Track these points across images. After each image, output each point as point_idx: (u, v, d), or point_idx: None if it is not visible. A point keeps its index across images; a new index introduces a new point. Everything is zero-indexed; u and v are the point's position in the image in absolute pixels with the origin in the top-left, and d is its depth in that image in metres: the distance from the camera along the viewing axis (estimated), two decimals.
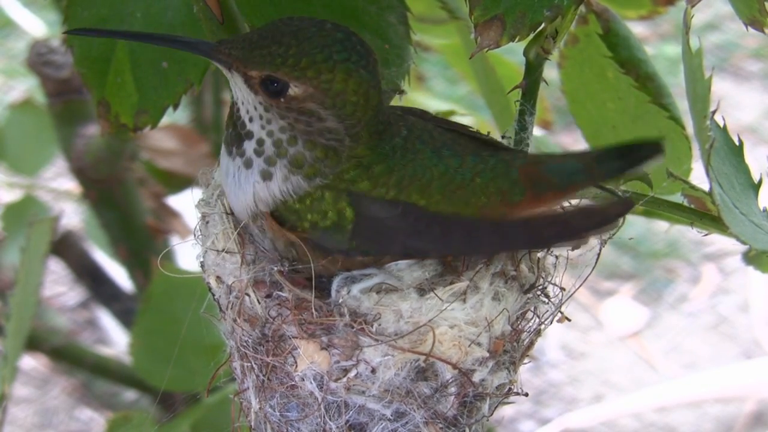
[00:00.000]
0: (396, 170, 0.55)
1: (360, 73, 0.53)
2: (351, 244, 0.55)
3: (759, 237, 0.58)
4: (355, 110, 0.53)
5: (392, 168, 0.55)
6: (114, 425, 1.03)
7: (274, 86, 0.53)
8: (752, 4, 0.58)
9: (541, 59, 0.61)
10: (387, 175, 0.55)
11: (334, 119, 0.53)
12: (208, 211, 0.60)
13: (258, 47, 0.53)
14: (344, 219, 0.54)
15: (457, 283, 0.56)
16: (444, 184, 0.55)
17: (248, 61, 0.53)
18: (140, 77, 0.66)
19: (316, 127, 0.53)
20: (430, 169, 0.55)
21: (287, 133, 0.54)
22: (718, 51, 2.78)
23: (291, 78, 0.52)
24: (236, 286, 0.57)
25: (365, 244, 0.55)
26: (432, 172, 0.55)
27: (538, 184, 0.57)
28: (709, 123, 0.56)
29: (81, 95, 1.18)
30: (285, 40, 0.52)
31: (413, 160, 0.55)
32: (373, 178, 0.55)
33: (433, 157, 0.56)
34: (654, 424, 1.96)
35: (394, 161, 0.55)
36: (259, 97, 0.54)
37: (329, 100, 0.53)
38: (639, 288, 2.25)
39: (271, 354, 0.56)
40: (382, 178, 0.55)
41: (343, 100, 0.53)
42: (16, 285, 0.88)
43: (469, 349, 0.56)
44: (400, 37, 0.67)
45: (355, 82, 0.53)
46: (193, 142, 1.30)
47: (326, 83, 0.52)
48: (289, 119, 0.53)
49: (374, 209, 0.55)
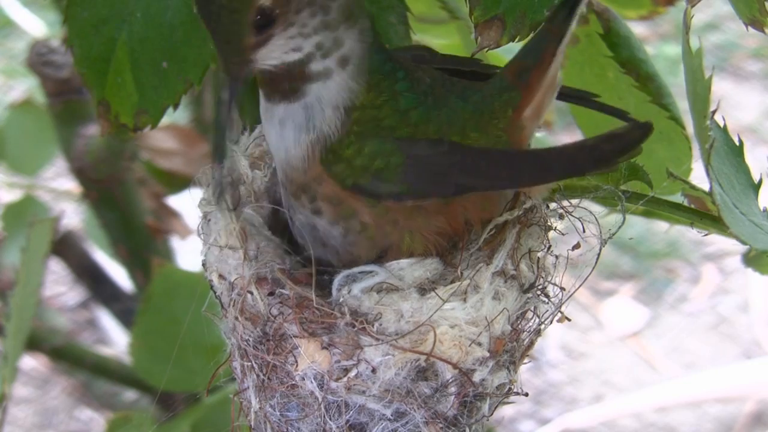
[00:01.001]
0: (433, 117, 0.56)
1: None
2: (402, 187, 0.55)
3: (759, 237, 0.58)
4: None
5: (429, 115, 0.56)
6: (114, 425, 1.03)
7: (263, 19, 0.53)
8: (752, 4, 0.58)
9: None
10: (425, 122, 0.56)
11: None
12: (209, 209, 0.61)
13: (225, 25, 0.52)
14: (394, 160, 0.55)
15: (457, 282, 0.56)
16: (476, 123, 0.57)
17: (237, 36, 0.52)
18: (140, 77, 0.66)
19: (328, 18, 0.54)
20: (460, 112, 0.57)
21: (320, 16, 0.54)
22: (718, 51, 2.78)
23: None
24: (238, 283, 0.57)
25: (416, 184, 0.56)
26: (463, 114, 0.57)
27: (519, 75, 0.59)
28: (709, 123, 0.56)
29: (81, 95, 1.18)
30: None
31: (445, 107, 0.57)
32: (411, 125, 0.56)
33: (458, 101, 0.58)
34: (654, 424, 1.96)
35: (427, 107, 0.56)
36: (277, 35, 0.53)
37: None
38: (639, 288, 2.25)
39: (271, 353, 0.56)
40: (421, 125, 0.56)
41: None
42: (16, 285, 0.88)
43: (470, 348, 0.56)
44: (400, 37, 0.67)
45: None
46: (193, 142, 1.30)
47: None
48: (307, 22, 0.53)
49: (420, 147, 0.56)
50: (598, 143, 0.58)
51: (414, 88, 0.57)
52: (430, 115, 0.56)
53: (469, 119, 0.57)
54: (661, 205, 0.62)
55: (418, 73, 0.58)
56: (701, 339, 2.13)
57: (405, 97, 0.56)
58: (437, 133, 0.56)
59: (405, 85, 0.56)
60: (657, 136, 0.73)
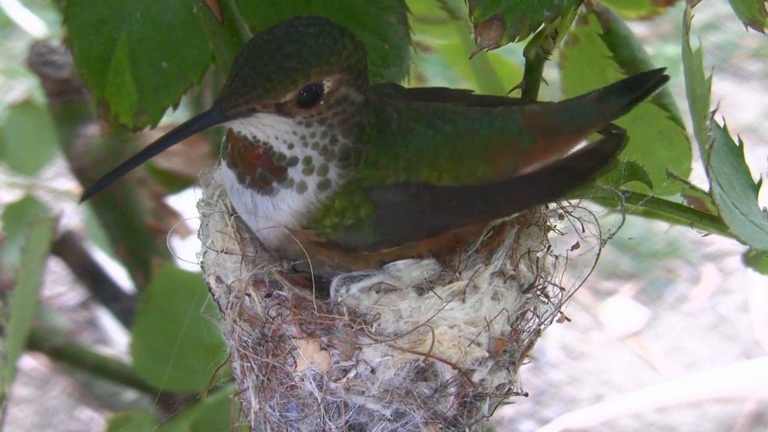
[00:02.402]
0: (401, 156, 0.55)
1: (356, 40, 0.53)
2: (376, 237, 0.55)
3: (759, 237, 0.58)
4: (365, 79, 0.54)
5: (397, 155, 0.55)
6: (114, 425, 1.03)
7: (312, 92, 0.52)
8: (752, 4, 0.58)
9: (541, 59, 0.61)
10: (394, 163, 0.55)
11: (358, 93, 0.54)
12: (208, 211, 0.61)
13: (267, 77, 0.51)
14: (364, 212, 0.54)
15: (455, 282, 0.56)
16: (449, 151, 0.56)
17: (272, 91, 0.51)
18: (140, 77, 0.66)
19: (349, 112, 0.54)
20: (430, 141, 0.56)
21: (328, 137, 0.54)
22: (718, 51, 2.78)
23: (322, 75, 0.52)
24: (236, 285, 0.57)
25: (390, 232, 0.55)
26: (434, 144, 0.56)
27: (548, 130, 0.57)
28: (709, 123, 0.56)
29: (81, 95, 1.18)
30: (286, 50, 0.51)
31: (414, 140, 0.56)
32: (381, 169, 0.55)
33: (429, 130, 0.56)
34: (654, 424, 1.96)
35: (396, 148, 0.55)
36: (297, 117, 0.53)
37: (353, 78, 0.53)
38: (639, 288, 2.25)
39: (270, 354, 0.56)
40: (391, 167, 0.55)
41: (358, 68, 0.53)
42: (16, 285, 0.88)
43: (469, 349, 0.56)
44: (400, 37, 0.67)
45: (360, 47, 0.53)
46: (193, 142, 1.30)
47: (346, 60, 0.52)
48: (328, 120, 0.53)
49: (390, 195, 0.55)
50: (573, 162, 0.57)
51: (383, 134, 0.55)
52: (398, 153, 0.55)
53: (441, 148, 0.56)
54: (661, 205, 0.62)
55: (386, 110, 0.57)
56: (701, 339, 2.13)
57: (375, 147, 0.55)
58: (407, 170, 0.55)
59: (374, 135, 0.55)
60: (657, 136, 0.73)
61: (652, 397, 1.93)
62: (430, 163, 0.55)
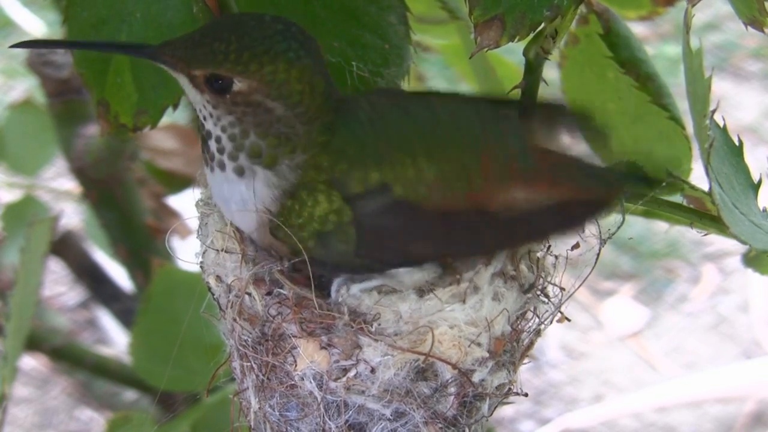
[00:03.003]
0: (369, 143, 0.55)
1: (302, 61, 0.53)
2: (356, 260, 0.54)
3: (758, 237, 0.58)
4: (302, 98, 0.53)
5: (365, 142, 0.55)
6: (114, 425, 1.03)
7: (219, 83, 0.53)
8: (752, 4, 0.58)
9: (541, 59, 0.61)
10: (361, 151, 0.54)
11: (282, 108, 0.53)
12: (207, 210, 0.61)
13: (200, 45, 0.53)
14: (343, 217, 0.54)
15: (456, 285, 0.56)
16: (425, 136, 0.55)
17: (191, 60, 0.53)
18: (140, 77, 0.66)
19: (265, 118, 0.53)
20: (403, 126, 0.55)
21: (238, 127, 0.54)
22: (718, 51, 2.78)
23: (234, 73, 0.52)
24: (236, 285, 0.57)
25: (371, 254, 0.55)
26: (407, 128, 0.55)
27: (560, 168, 0.57)
28: (709, 123, 0.56)
29: (81, 95, 1.18)
30: (226, 35, 0.52)
31: (384, 126, 0.55)
32: (348, 158, 0.54)
33: (403, 116, 0.56)
34: (654, 424, 1.96)
35: (364, 136, 0.55)
36: (206, 95, 0.54)
37: (274, 91, 0.53)
38: (639, 288, 2.25)
39: (270, 353, 0.56)
40: (358, 156, 0.54)
41: (289, 89, 0.53)
42: (16, 285, 0.88)
43: (469, 349, 0.56)
44: (400, 37, 0.67)
45: (298, 70, 0.53)
46: (193, 142, 1.30)
47: (270, 75, 0.52)
48: (236, 113, 0.53)
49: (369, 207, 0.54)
50: (566, 206, 0.56)
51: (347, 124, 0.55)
52: (366, 141, 0.54)
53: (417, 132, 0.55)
54: (661, 205, 0.62)
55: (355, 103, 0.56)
56: (701, 339, 2.13)
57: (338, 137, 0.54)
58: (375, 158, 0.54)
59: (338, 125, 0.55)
60: (657, 136, 0.73)
61: (652, 397, 1.93)
62: (403, 148, 0.55)
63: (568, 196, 0.56)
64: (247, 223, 0.56)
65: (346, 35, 0.65)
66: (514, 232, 0.56)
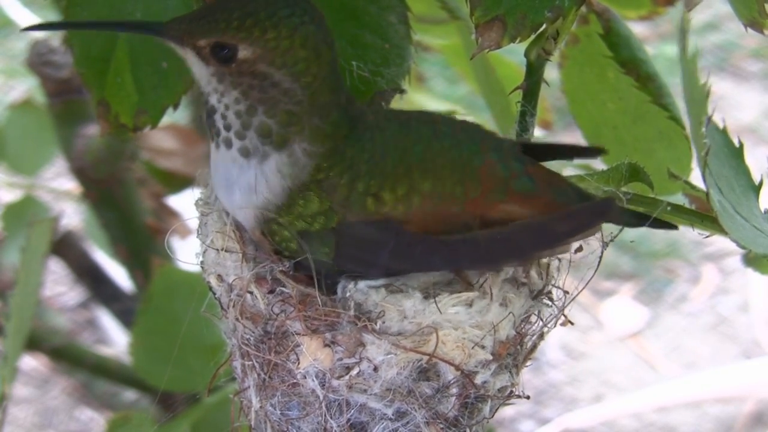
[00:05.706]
0: (367, 149, 0.55)
1: (306, 27, 0.52)
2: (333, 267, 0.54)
3: (759, 241, 0.57)
4: (308, 66, 0.53)
5: (363, 147, 0.55)
6: (114, 425, 1.03)
7: (224, 52, 0.52)
8: (751, 5, 0.57)
9: (542, 60, 0.61)
10: (360, 155, 0.54)
11: (288, 79, 0.53)
12: (206, 210, 0.60)
13: (204, 17, 0.53)
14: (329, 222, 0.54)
15: (464, 293, 0.55)
16: (422, 149, 0.55)
17: (196, 31, 0.53)
18: (140, 77, 0.66)
19: (271, 93, 0.53)
20: (401, 138, 0.55)
21: (243, 104, 0.53)
22: (718, 51, 2.77)
23: (238, 40, 0.52)
24: (237, 284, 0.57)
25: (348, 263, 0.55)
26: (405, 141, 0.55)
27: (558, 191, 0.56)
28: (705, 130, 0.55)
29: (81, 95, 1.18)
30: (229, 5, 0.52)
31: (383, 137, 0.55)
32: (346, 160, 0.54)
33: (402, 129, 0.56)
34: (654, 424, 1.96)
35: (363, 141, 0.55)
36: (211, 68, 0.53)
37: (278, 59, 0.52)
38: (639, 288, 2.25)
39: (273, 351, 0.56)
40: (356, 159, 0.54)
41: (293, 56, 0.52)
42: (16, 285, 0.88)
43: (473, 351, 0.56)
44: (400, 36, 0.67)
45: (302, 36, 0.52)
46: (193, 142, 1.30)
47: (273, 41, 0.52)
48: (242, 86, 0.53)
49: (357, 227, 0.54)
50: (549, 224, 0.55)
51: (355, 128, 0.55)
52: (365, 146, 0.55)
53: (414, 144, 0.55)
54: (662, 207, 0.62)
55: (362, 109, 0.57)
56: (701, 339, 2.13)
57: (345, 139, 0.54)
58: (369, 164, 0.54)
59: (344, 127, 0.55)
60: (657, 136, 0.73)
61: (652, 397, 1.93)
62: (398, 158, 0.55)
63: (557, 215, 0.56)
64: (246, 214, 0.56)
65: (346, 35, 0.65)
66: (493, 251, 0.55)
